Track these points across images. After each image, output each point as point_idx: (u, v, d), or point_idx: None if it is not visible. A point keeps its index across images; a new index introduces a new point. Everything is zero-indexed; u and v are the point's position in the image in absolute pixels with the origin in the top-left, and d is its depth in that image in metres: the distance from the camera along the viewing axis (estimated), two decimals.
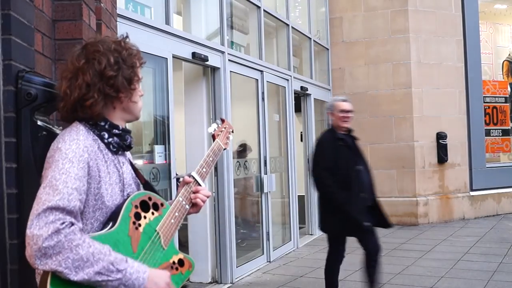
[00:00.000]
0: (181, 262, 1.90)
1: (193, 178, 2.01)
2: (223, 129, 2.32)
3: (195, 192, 2.00)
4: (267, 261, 7.22)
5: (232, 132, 2.39)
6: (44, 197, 1.57)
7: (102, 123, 1.81)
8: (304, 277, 6.42)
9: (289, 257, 7.68)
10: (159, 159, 5.23)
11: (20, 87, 1.98)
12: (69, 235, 1.54)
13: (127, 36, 1.91)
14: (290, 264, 7.27)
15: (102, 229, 1.72)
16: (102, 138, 1.80)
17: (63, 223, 1.54)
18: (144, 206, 1.81)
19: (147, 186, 1.97)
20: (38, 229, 1.51)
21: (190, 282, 6.19)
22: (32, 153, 1.99)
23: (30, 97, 1.98)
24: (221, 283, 6.26)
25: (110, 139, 1.82)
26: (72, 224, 1.57)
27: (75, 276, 1.53)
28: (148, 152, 5.28)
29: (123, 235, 1.71)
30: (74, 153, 1.67)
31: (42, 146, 1.98)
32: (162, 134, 5.39)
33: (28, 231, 1.52)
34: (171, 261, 1.86)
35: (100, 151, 1.77)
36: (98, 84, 1.76)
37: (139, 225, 1.76)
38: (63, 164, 1.63)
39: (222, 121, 2.37)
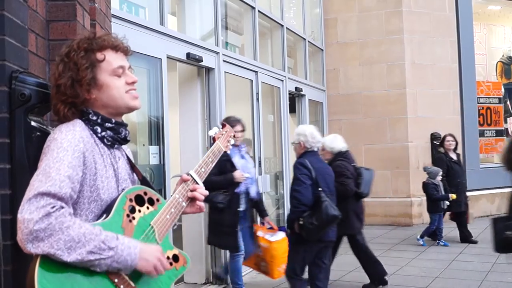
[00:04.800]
0: (175, 258, 1.91)
1: (191, 176, 2.02)
2: (224, 132, 2.34)
3: (192, 190, 2.01)
4: None
5: (233, 137, 2.40)
6: (37, 184, 1.58)
7: (94, 118, 1.82)
8: None
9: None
10: (153, 160, 5.23)
11: (14, 88, 1.97)
12: (59, 218, 1.55)
13: (94, 35, 1.88)
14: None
15: (95, 221, 1.73)
16: (95, 133, 1.82)
17: (53, 207, 1.55)
18: (139, 200, 1.82)
19: (145, 182, 1.99)
20: (29, 213, 1.52)
21: (185, 282, 6.19)
22: (26, 154, 1.98)
23: (23, 98, 1.97)
24: (215, 283, 6.26)
25: (103, 133, 1.83)
26: (62, 207, 1.58)
27: (68, 257, 1.54)
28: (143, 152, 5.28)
29: (116, 226, 1.72)
30: (69, 143, 1.69)
31: (36, 147, 1.97)
32: (156, 134, 5.39)
33: (19, 216, 1.54)
34: (165, 255, 1.86)
35: (96, 145, 1.79)
36: (57, 95, 1.81)
37: (133, 218, 1.77)
38: (58, 153, 1.65)
39: (223, 125, 2.40)
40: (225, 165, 5.19)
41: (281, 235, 5.45)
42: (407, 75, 10.28)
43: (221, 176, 5.14)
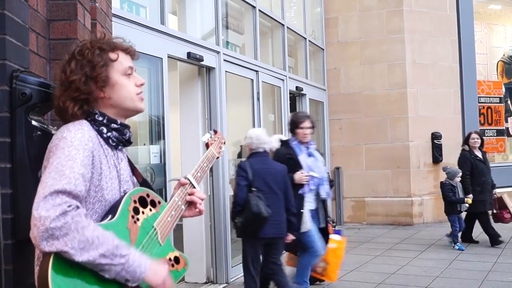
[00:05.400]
0: (177, 260, 1.93)
1: (189, 180, 2.05)
2: (216, 139, 2.41)
3: (190, 194, 2.04)
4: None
5: (224, 143, 2.47)
6: (51, 181, 1.58)
7: (100, 118, 1.83)
8: None
9: (284, 257, 7.66)
10: (154, 159, 5.23)
11: (15, 87, 1.97)
12: (75, 217, 1.55)
13: (104, 36, 1.92)
14: (285, 263, 7.26)
15: (100, 222, 1.73)
16: (101, 133, 1.82)
17: (69, 205, 1.55)
18: (142, 202, 1.84)
19: (145, 184, 2.00)
20: (46, 210, 1.52)
21: (186, 282, 6.20)
22: (27, 153, 1.98)
23: (24, 97, 1.97)
24: (216, 283, 6.26)
25: (109, 134, 1.84)
26: (78, 207, 1.58)
27: (80, 257, 1.54)
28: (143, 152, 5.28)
29: (122, 227, 1.73)
30: (79, 141, 1.69)
31: (37, 146, 1.98)
32: (157, 134, 5.39)
33: (35, 213, 1.53)
34: (167, 257, 1.89)
35: (100, 145, 1.80)
36: (67, 92, 1.80)
37: (138, 219, 1.79)
38: (69, 151, 1.65)
39: (215, 132, 2.47)
40: (288, 163, 5.05)
41: (339, 238, 5.40)
42: (408, 75, 10.28)
43: None
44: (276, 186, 4.87)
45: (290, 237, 5.07)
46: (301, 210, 5.10)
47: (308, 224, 5.13)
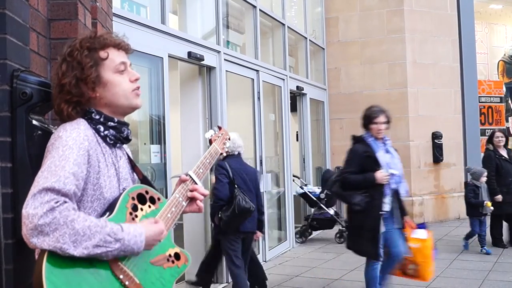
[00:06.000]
0: (177, 256, 1.92)
1: (190, 177, 2.04)
2: (220, 135, 2.41)
3: (192, 190, 2.02)
4: (263, 261, 7.22)
5: (229, 139, 2.47)
6: (42, 180, 1.59)
7: (97, 117, 1.83)
8: (299, 276, 6.42)
9: (284, 257, 7.69)
10: (154, 159, 5.23)
11: (15, 87, 1.97)
12: (63, 212, 1.55)
13: (95, 34, 1.89)
14: (285, 263, 7.27)
15: None
16: (98, 132, 1.82)
17: (57, 201, 1.56)
18: (141, 198, 1.83)
19: (145, 181, 2.00)
20: (34, 208, 1.53)
21: (186, 281, 6.19)
22: (27, 152, 1.98)
23: (25, 97, 1.97)
24: (217, 282, 6.26)
25: (106, 132, 1.84)
26: (66, 202, 1.59)
27: (75, 251, 1.54)
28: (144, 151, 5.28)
29: None
30: (74, 141, 1.69)
31: (37, 146, 1.98)
32: (158, 133, 5.39)
33: (23, 211, 1.54)
34: (167, 253, 1.88)
35: (98, 144, 1.80)
36: (60, 94, 1.81)
37: (136, 216, 1.78)
38: (63, 151, 1.66)
39: (219, 128, 2.48)
40: (366, 162, 4.79)
41: (425, 233, 4.96)
42: (408, 74, 10.27)
43: (361, 175, 4.76)
44: (251, 185, 5.20)
45: (259, 234, 5.37)
46: (381, 212, 4.74)
47: (381, 227, 4.75)
